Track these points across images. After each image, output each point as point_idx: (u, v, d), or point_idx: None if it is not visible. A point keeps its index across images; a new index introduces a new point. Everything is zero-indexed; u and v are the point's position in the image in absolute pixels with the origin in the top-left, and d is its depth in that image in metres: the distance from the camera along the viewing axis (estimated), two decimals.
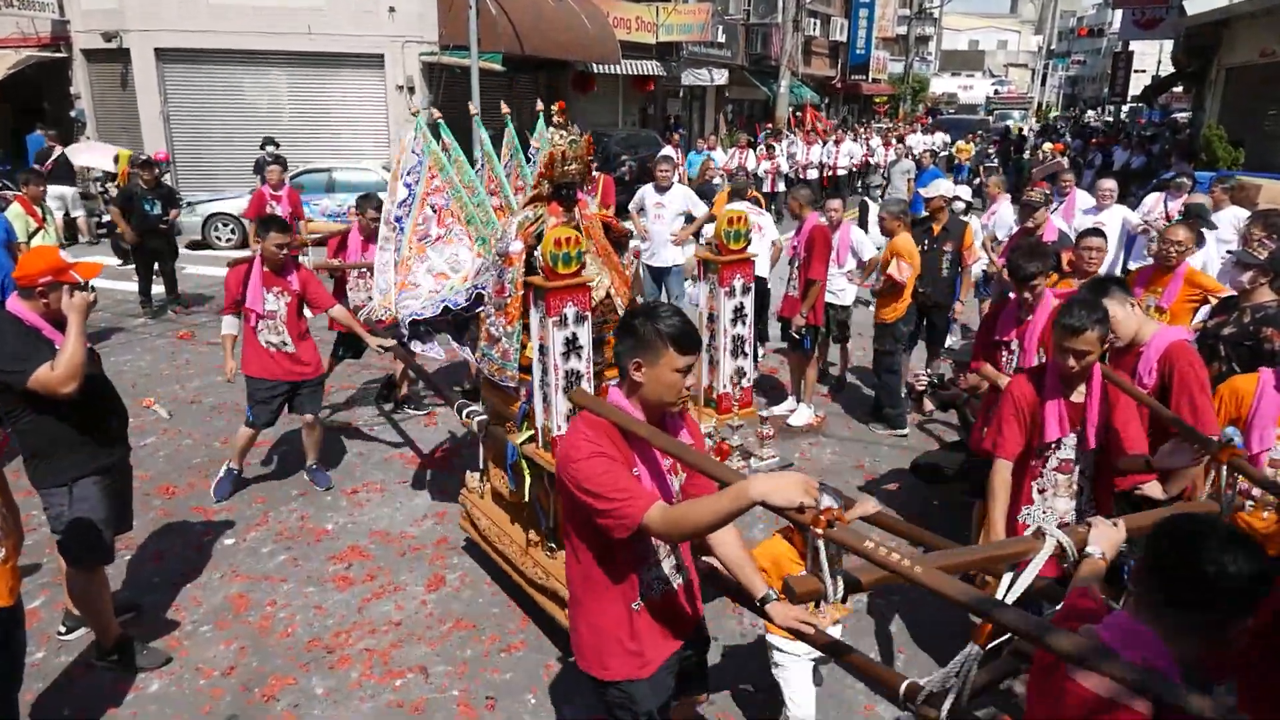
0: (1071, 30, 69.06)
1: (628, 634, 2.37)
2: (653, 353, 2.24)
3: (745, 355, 3.84)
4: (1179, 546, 1.55)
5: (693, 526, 2.06)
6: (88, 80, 16.71)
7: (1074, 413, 3.08)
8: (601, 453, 2.19)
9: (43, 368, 3.18)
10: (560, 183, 3.66)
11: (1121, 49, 32.96)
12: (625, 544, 2.23)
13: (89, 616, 3.70)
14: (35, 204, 7.83)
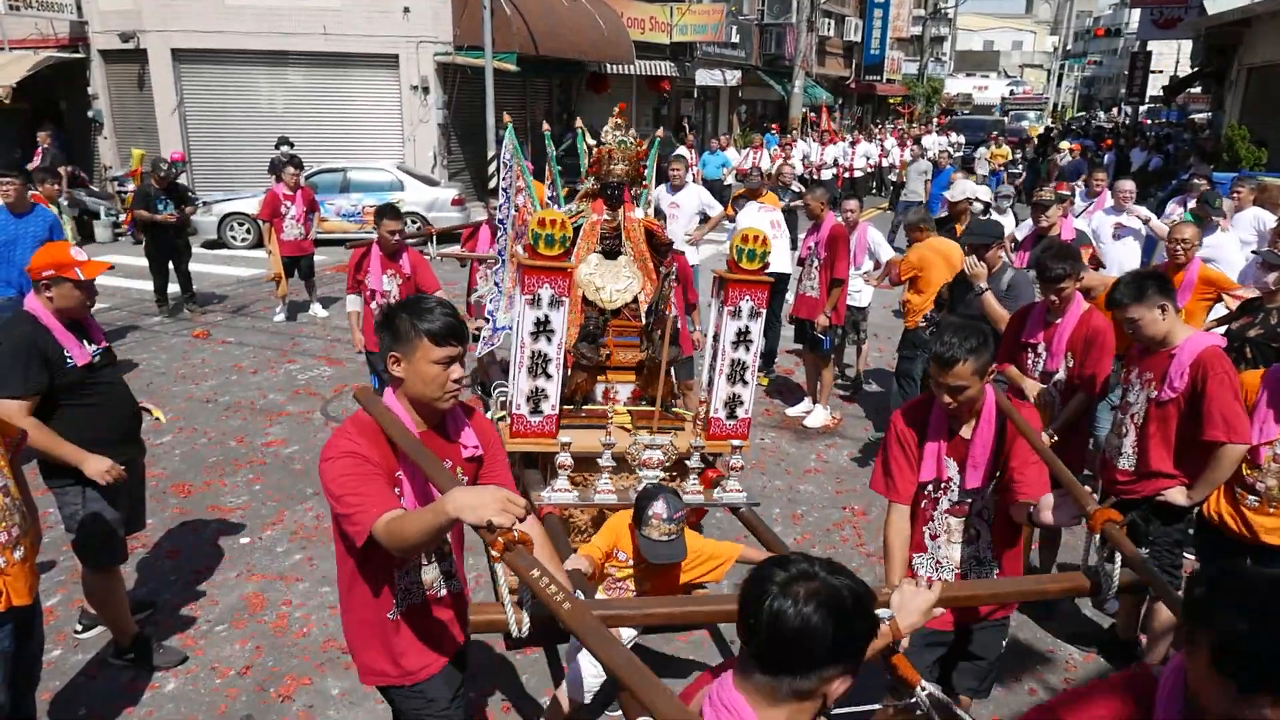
0: (1088, 30, 68.62)
1: (387, 642, 2.30)
2: (408, 345, 2.14)
3: (745, 384, 3.57)
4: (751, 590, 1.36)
5: (406, 539, 1.95)
6: (105, 81, 16.82)
7: (956, 449, 2.70)
8: (353, 453, 2.11)
9: (10, 404, 3.16)
10: (606, 181, 3.64)
11: (1139, 49, 32.67)
12: (375, 549, 2.05)
13: (105, 615, 3.70)
14: (50, 203, 7.86)
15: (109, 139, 17.03)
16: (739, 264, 3.47)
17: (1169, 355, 3.19)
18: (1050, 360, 3.83)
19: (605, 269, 3.69)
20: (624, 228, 3.72)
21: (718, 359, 3.55)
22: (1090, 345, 3.69)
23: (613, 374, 3.69)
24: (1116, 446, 3.44)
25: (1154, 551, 3.35)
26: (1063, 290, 3.77)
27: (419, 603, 2.32)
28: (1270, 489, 3.17)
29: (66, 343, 3.31)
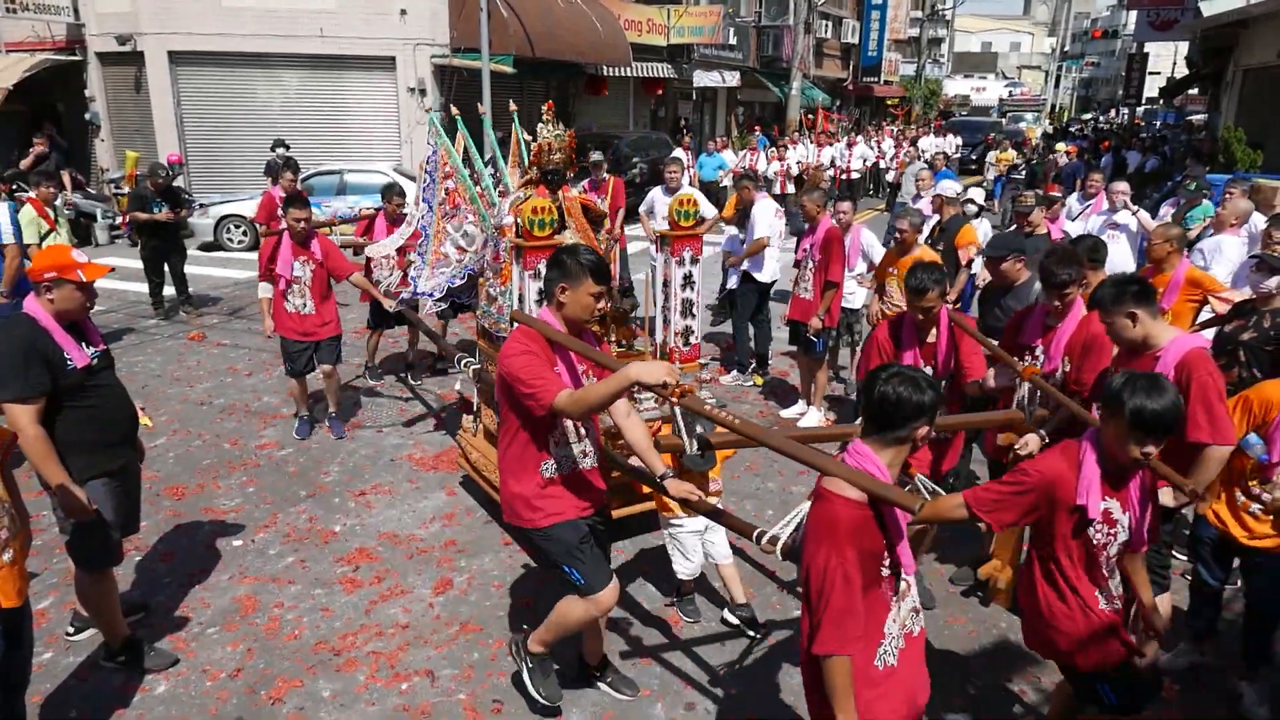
0: (1085, 32, 68.71)
1: (543, 494, 3.10)
2: (575, 280, 2.97)
3: (694, 316, 4.52)
4: (869, 385, 2.26)
5: (590, 403, 2.79)
6: (102, 83, 16.81)
7: (926, 352, 3.97)
8: (529, 351, 2.91)
9: (15, 407, 3.17)
10: (547, 169, 4.36)
11: (1136, 51, 32.75)
12: (542, 424, 3.01)
13: (97, 618, 3.70)
14: (47, 206, 7.86)
15: (106, 141, 17.02)
16: (678, 223, 4.41)
17: (1154, 358, 3.19)
18: (1047, 363, 3.82)
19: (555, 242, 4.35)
20: (565, 206, 4.37)
21: (670, 300, 4.36)
22: (1088, 351, 3.66)
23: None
24: None
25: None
26: (1067, 296, 3.74)
27: (567, 471, 3.13)
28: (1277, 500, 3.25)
29: (66, 345, 3.31)
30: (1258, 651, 3.56)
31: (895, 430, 2.22)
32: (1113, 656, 2.66)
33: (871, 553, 2.21)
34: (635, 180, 15.20)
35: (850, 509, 2.19)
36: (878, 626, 2.27)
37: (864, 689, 2.23)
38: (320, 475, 5.64)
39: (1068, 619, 2.65)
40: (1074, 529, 2.55)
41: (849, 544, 2.15)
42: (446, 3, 16.45)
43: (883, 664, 2.28)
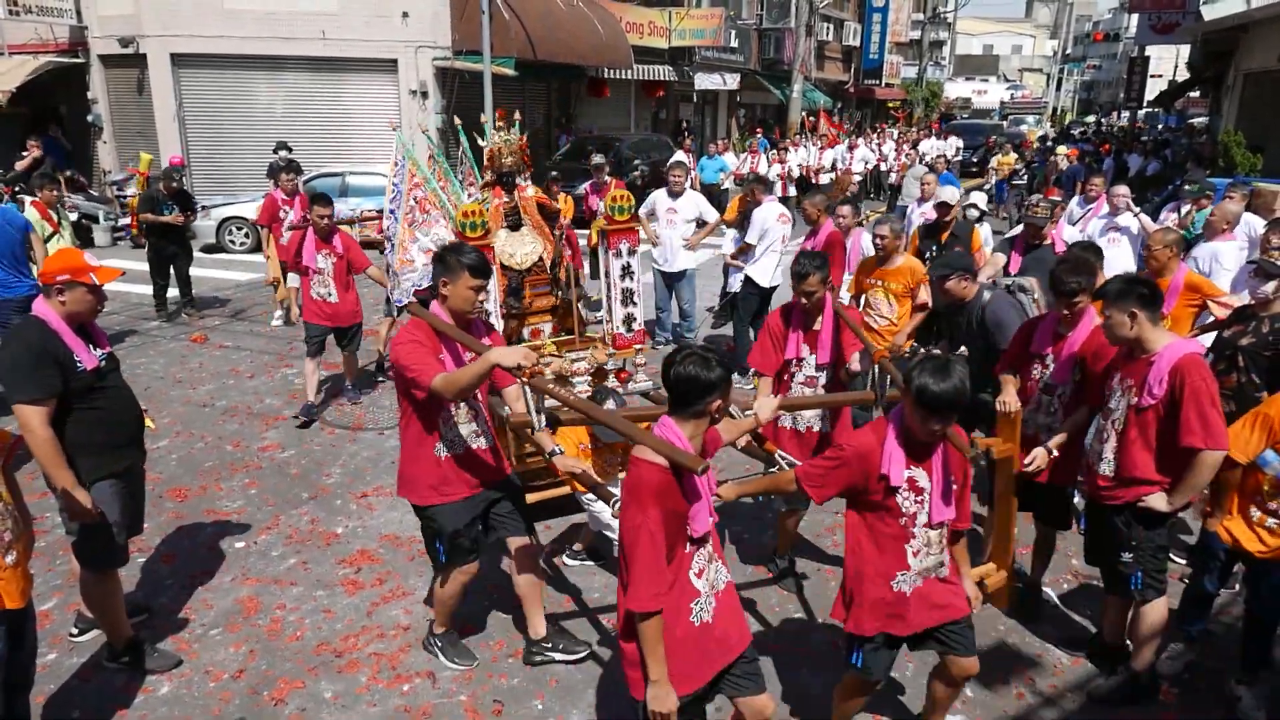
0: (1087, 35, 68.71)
1: (434, 474, 3.43)
2: (454, 275, 3.28)
3: (634, 304, 4.76)
4: (666, 367, 2.53)
5: (461, 384, 3.14)
6: (105, 85, 16.87)
7: (810, 338, 4.14)
8: (414, 340, 3.26)
9: (27, 409, 3.19)
10: (500, 171, 4.64)
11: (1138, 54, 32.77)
12: (430, 408, 3.35)
13: (102, 618, 3.72)
14: (50, 209, 7.90)
15: (108, 143, 17.07)
16: (614, 218, 4.58)
17: (1148, 362, 3.21)
18: (1056, 372, 3.78)
19: (512, 239, 4.65)
20: (520, 205, 4.65)
21: (611, 290, 4.68)
22: (1098, 360, 3.63)
23: (534, 318, 4.72)
24: (1098, 452, 3.46)
25: (1137, 556, 3.37)
26: (1076, 304, 3.68)
27: (459, 451, 3.45)
28: None
29: (75, 347, 3.34)
30: (1257, 656, 3.57)
31: (692, 405, 2.50)
32: (890, 627, 2.90)
33: (674, 513, 2.47)
34: (636, 182, 15.22)
35: (654, 472, 2.44)
36: (689, 584, 2.56)
37: (682, 642, 2.54)
38: (322, 477, 5.67)
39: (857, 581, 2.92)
40: (883, 495, 2.79)
41: (653, 503, 2.41)
42: (448, 5, 16.48)
43: (699, 620, 2.58)
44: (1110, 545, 3.47)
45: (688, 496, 2.50)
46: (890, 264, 5.64)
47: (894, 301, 5.64)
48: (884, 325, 5.66)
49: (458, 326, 3.33)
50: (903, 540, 2.82)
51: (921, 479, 2.78)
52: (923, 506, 2.80)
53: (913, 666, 3.88)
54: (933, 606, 2.90)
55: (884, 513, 2.82)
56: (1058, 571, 4.67)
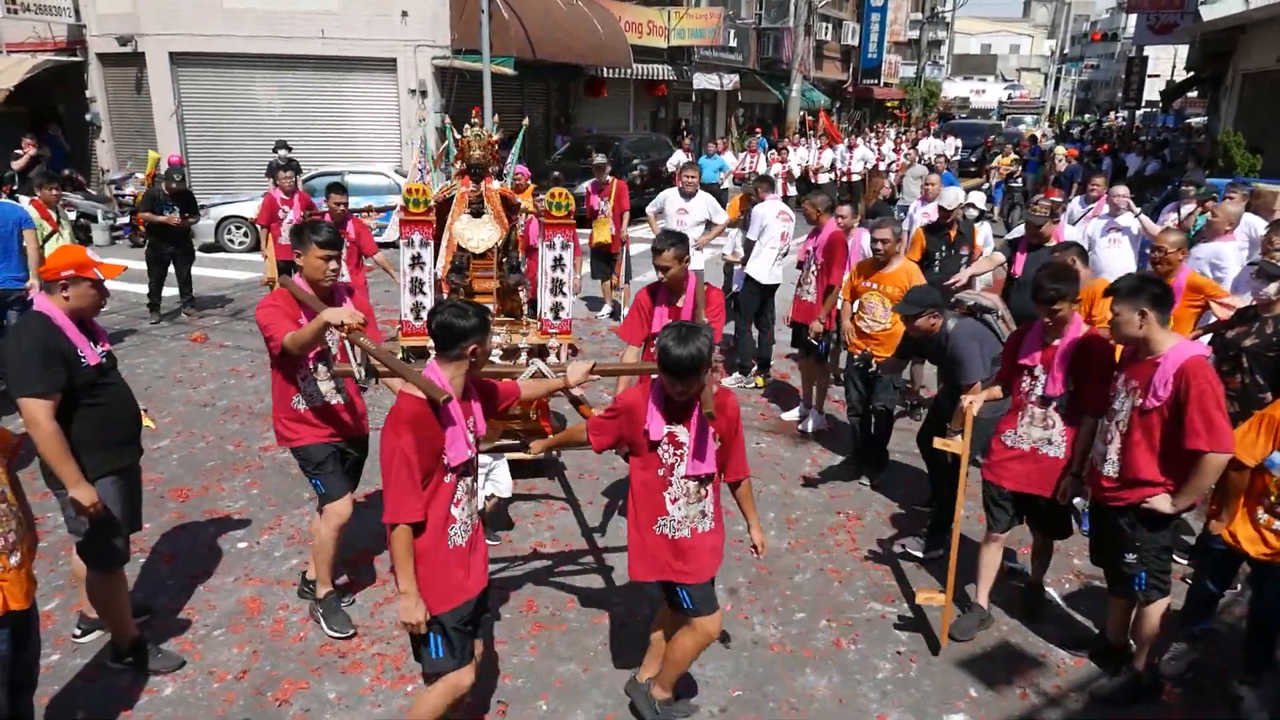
0: (1084, 35, 68.80)
1: (295, 420, 3.87)
2: (305, 247, 3.72)
3: (564, 294, 5.08)
4: (429, 317, 2.90)
5: (302, 340, 3.54)
6: (103, 84, 16.83)
7: (674, 312, 4.45)
8: (273, 305, 3.71)
9: (33, 403, 3.19)
10: (470, 162, 5.13)
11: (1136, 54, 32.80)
12: (288, 365, 3.77)
13: (106, 618, 3.71)
14: (49, 208, 7.87)
15: (106, 142, 17.04)
16: (550, 213, 4.99)
17: (1154, 364, 3.21)
18: (1051, 384, 3.68)
19: (473, 224, 5.15)
20: (485, 195, 5.14)
21: (542, 279, 5.08)
22: (1091, 366, 3.60)
23: (480, 298, 5.17)
24: (1101, 453, 3.46)
25: (1141, 557, 3.38)
26: (1057, 311, 3.62)
27: (318, 404, 3.87)
28: None
29: (79, 343, 3.34)
30: (1260, 658, 3.57)
31: (451, 350, 2.84)
32: (662, 574, 3.17)
33: (430, 441, 2.78)
34: (635, 182, 15.22)
35: (411, 403, 2.79)
36: (445, 511, 2.86)
37: (438, 562, 2.85)
38: None
39: (632, 528, 3.21)
40: (647, 448, 3.09)
41: (408, 430, 2.74)
42: (447, 5, 16.47)
43: (453, 544, 2.89)
44: (1114, 546, 3.48)
45: (443, 424, 2.81)
46: (888, 268, 5.54)
47: (889, 306, 5.54)
48: (878, 330, 5.55)
49: (317, 294, 3.73)
50: (662, 488, 3.10)
51: (681, 434, 3.07)
52: (681, 460, 3.07)
53: (916, 667, 3.89)
54: (709, 553, 3.18)
55: (648, 463, 3.11)
56: (1060, 572, 4.68)
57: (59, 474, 3.27)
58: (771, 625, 4.17)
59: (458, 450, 2.86)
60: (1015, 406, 3.86)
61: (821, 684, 3.78)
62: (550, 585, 4.47)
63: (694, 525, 3.13)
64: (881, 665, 3.91)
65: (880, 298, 5.54)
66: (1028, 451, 3.80)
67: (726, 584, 4.51)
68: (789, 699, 3.68)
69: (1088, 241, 6.84)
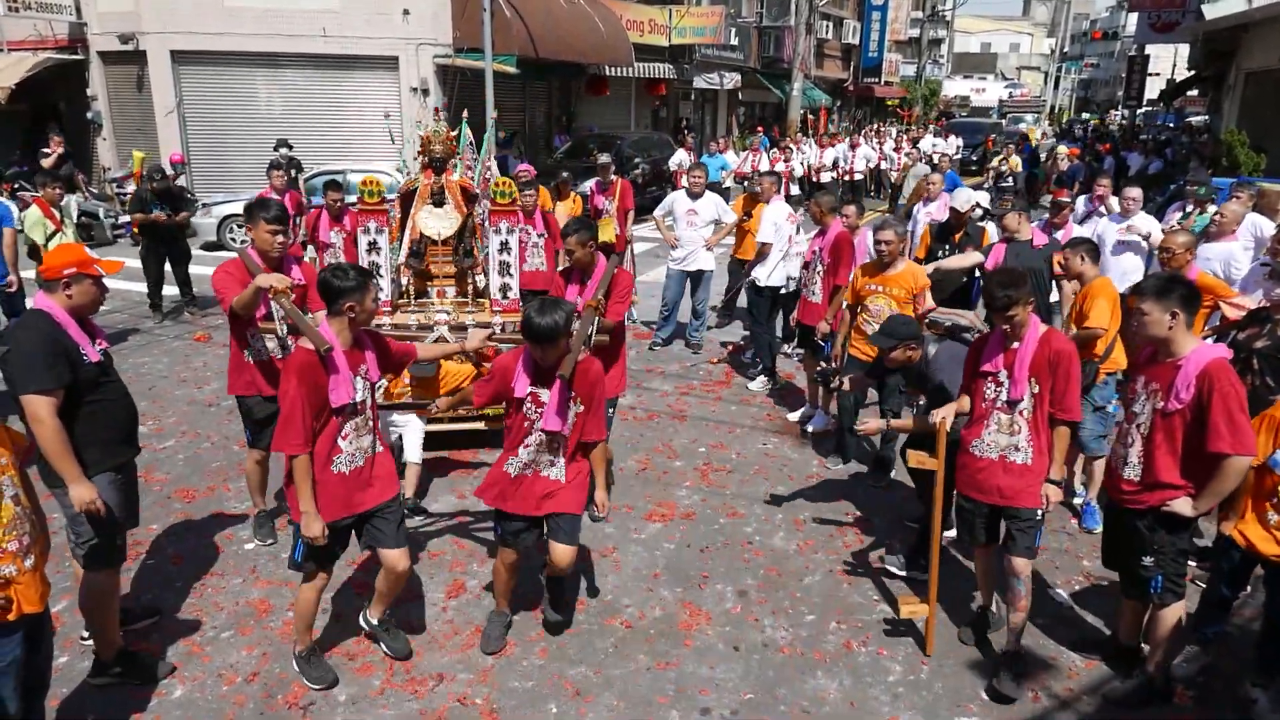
0: (1084, 33, 68.78)
1: (242, 370, 4.45)
2: (254, 222, 4.28)
3: (510, 275, 5.64)
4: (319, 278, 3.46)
5: (244, 302, 4.10)
6: (104, 82, 16.80)
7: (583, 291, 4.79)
8: (226, 273, 4.27)
9: (37, 399, 3.17)
10: (431, 155, 5.64)
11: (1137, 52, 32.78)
12: (238, 325, 4.36)
13: (96, 622, 3.62)
14: (53, 206, 7.86)
15: (108, 140, 17.01)
16: (495, 200, 5.51)
17: (1175, 366, 3.20)
18: (1014, 388, 3.58)
19: (434, 214, 5.66)
20: (445, 186, 5.66)
21: (491, 262, 5.58)
22: (1055, 369, 3.52)
23: (441, 280, 5.93)
24: (1122, 456, 3.44)
25: (1158, 561, 3.37)
26: (1013, 317, 3.53)
27: (264, 357, 4.44)
28: None
29: (81, 340, 3.34)
30: (1273, 660, 3.56)
31: (332, 305, 3.36)
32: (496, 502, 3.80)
33: (316, 385, 3.30)
34: (637, 181, 15.19)
35: (303, 354, 3.32)
36: (332, 443, 3.39)
37: (326, 484, 3.41)
38: None
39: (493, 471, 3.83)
40: (515, 406, 3.66)
41: (295, 377, 3.26)
42: (449, 3, 16.44)
43: (337, 470, 3.43)
44: (1131, 549, 3.47)
45: (327, 370, 3.32)
46: (892, 269, 5.50)
47: (896, 307, 5.46)
48: None
49: (267, 265, 4.28)
50: (523, 435, 3.68)
51: (543, 395, 3.61)
52: (540, 416, 3.63)
53: (927, 669, 3.88)
54: (539, 497, 3.74)
55: (517, 415, 3.68)
56: (1070, 573, 4.68)
57: (60, 470, 3.26)
58: (782, 628, 4.16)
59: (340, 393, 3.36)
60: (979, 415, 3.73)
61: (833, 687, 3.77)
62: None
63: (541, 470, 3.73)
64: (892, 668, 3.90)
65: (886, 299, 5.50)
66: (996, 460, 3.66)
67: (735, 585, 4.51)
68: (800, 702, 3.68)
69: (1098, 240, 6.81)
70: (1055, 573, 4.68)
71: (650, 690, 3.72)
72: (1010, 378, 3.59)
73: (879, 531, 5.10)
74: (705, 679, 3.79)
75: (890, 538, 4.99)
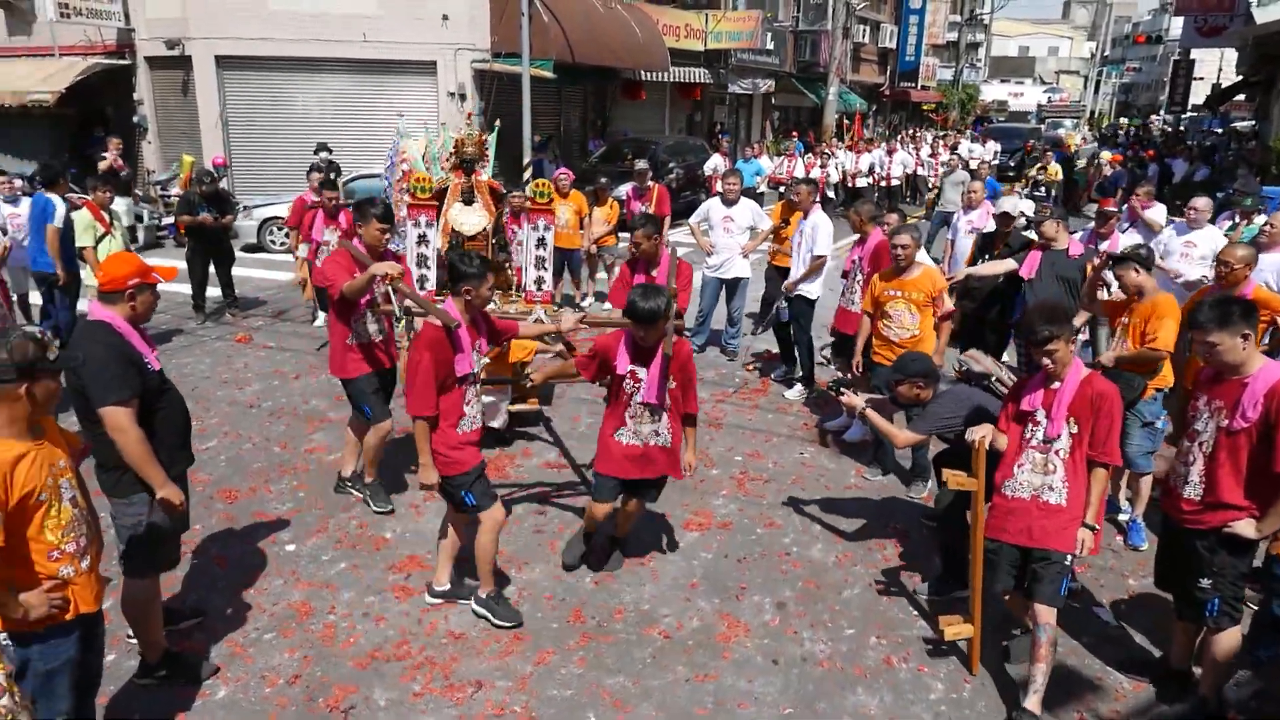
0: (1126, 36, 67.67)
1: (347, 353, 4.94)
2: (366, 220, 4.87)
3: (545, 269, 6.11)
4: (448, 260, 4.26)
5: (356, 287, 4.63)
6: (150, 86, 17.14)
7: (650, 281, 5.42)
8: (335, 262, 4.83)
9: (118, 410, 3.22)
10: (462, 156, 5.96)
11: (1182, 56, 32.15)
12: (345, 309, 4.84)
13: (142, 627, 3.64)
14: (103, 210, 8.02)
15: (153, 144, 17.34)
16: (535, 200, 6.11)
17: (1242, 384, 3.12)
18: (1050, 426, 3.50)
19: (465, 211, 5.97)
20: (475, 185, 5.98)
21: (527, 256, 6.11)
22: (1097, 411, 3.43)
23: None
24: (1183, 475, 3.36)
25: (1216, 583, 3.29)
26: (1054, 353, 3.44)
27: (369, 337, 4.96)
28: None
29: (143, 349, 3.38)
30: None
31: (455, 287, 3.93)
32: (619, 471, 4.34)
33: (443, 357, 3.79)
34: (671, 185, 15.18)
35: (432, 330, 3.82)
36: (457, 409, 3.90)
37: (451, 446, 3.90)
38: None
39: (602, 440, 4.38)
40: (617, 380, 4.20)
41: (427, 349, 3.76)
42: (487, 8, 16.56)
43: (462, 431, 3.93)
44: (1188, 570, 3.38)
45: (455, 347, 3.82)
46: (910, 274, 5.48)
47: (916, 312, 5.47)
48: (905, 338, 5.45)
49: (371, 255, 4.81)
50: (624, 408, 4.21)
51: (641, 372, 4.13)
52: (639, 390, 4.14)
53: (970, 687, 3.82)
54: (645, 463, 4.28)
55: (617, 390, 4.22)
56: (1116, 592, 4.58)
57: (146, 477, 3.31)
58: (821, 641, 4.13)
59: (463, 364, 3.86)
60: (1012, 456, 3.64)
61: (873, 703, 3.73)
62: (599, 594, 4.46)
63: (650, 441, 4.25)
64: (934, 685, 3.85)
65: (905, 304, 5.48)
66: (1029, 499, 3.56)
67: (774, 597, 4.47)
68: (841, 717, 3.64)
69: (1162, 249, 6.65)
70: (1101, 590, 4.59)
71: (689, 702, 3.70)
72: (1048, 417, 3.51)
73: (918, 544, 5.03)
74: (744, 692, 3.76)
75: (930, 554, 4.93)
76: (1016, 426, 3.65)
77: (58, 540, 2.70)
